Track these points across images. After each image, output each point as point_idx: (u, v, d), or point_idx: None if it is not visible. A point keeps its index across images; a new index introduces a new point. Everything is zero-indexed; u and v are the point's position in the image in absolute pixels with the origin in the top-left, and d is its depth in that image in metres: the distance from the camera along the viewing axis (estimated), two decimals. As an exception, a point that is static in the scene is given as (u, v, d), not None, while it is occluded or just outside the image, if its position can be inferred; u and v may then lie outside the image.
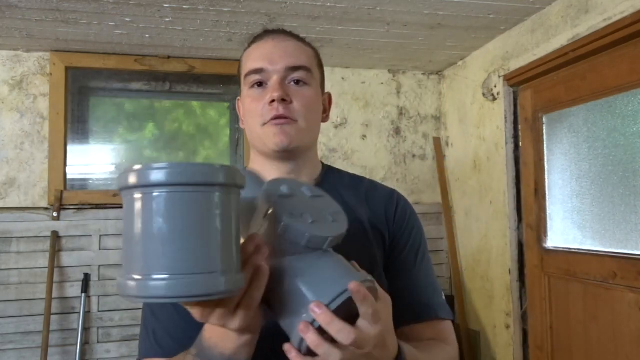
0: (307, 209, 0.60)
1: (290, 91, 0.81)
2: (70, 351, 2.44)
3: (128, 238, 0.49)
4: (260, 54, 0.83)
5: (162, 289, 0.46)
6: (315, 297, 0.55)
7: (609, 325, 1.86)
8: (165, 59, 2.67)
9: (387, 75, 3.00)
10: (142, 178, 0.48)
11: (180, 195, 0.48)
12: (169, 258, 0.47)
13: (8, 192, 2.50)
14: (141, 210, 0.48)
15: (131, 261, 0.48)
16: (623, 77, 1.81)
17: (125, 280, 0.48)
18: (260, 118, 0.81)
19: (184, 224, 0.47)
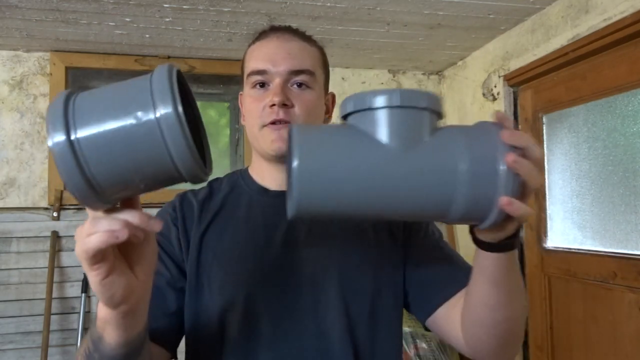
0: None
1: (292, 94, 0.80)
2: (70, 351, 2.44)
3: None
4: (263, 54, 0.82)
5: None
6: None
7: (608, 325, 1.86)
8: (165, 59, 2.67)
9: (387, 75, 3.00)
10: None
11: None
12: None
13: (8, 192, 2.50)
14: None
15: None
16: (623, 77, 1.81)
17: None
18: (259, 119, 0.80)
19: None
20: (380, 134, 0.53)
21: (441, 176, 0.52)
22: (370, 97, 0.54)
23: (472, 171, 0.52)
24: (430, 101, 0.55)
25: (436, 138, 0.55)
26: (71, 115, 0.47)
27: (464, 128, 0.56)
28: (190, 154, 0.47)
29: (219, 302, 0.77)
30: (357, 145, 0.53)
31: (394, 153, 0.53)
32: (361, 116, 0.55)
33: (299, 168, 0.51)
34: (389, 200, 0.53)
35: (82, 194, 0.47)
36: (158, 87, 0.47)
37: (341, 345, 0.76)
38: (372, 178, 0.52)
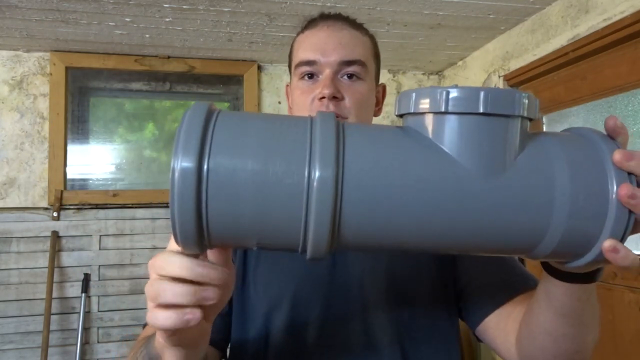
0: None
1: (342, 86, 0.75)
2: (70, 351, 2.44)
3: None
4: (313, 43, 0.77)
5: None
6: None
7: (609, 325, 1.86)
8: (165, 59, 2.67)
9: (387, 75, 3.00)
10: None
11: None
12: None
13: (8, 192, 2.50)
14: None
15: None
16: (623, 77, 1.81)
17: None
18: (307, 113, 0.75)
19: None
20: (453, 149, 0.41)
21: (532, 208, 0.41)
22: (441, 95, 0.41)
23: (572, 203, 0.40)
24: (525, 106, 0.42)
25: (527, 156, 0.42)
26: (209, 138, 0.39)
27: (563, 142, 0.43)
28: (329, 232, 0.38)
29: (264, 301, 0.73)
30: (418, 160, 0.41)
31: (471, 177, 0.40)
32: (425, 120, 0.42)
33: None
34: (458, 234, 0.41)
35: (186, 233, 0.39)
36: (322, 144, 0.39)
37: (390, 352, 0.71)
38: (437, 207, 0.40)
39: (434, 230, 0.41)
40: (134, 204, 2.59)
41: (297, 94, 0.78)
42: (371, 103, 0.81)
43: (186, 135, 0.38)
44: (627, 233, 0.41)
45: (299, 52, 0.79)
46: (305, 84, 0.77)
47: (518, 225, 0.41)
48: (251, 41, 2.44)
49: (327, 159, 0.38)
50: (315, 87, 0.76)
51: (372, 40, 0.84)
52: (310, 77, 0.77)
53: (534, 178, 0.41)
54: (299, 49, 0.79)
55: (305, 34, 0.80)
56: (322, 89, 0.73)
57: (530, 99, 0.42)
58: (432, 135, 0.42)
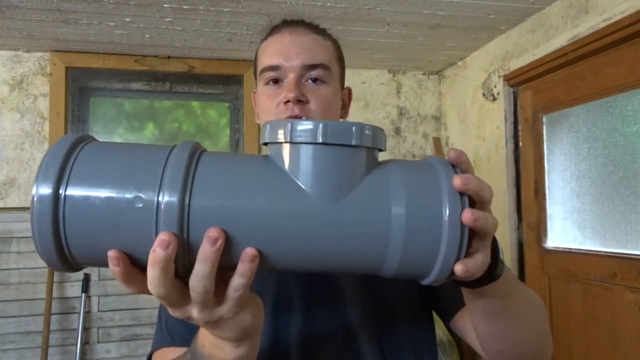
0: None
1: (307, 90, 0.77)
2: (70, 351, 2.45)
3: None
4: (276, 49, 0.79)
5: None
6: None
7: (608, 325, 1.86)
8: (165, 59, 2.67)
9: (387, 75, 3.00)
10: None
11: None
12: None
13: (8, 192, 2.50)
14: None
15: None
16: (623, 77, 1.81)
17: None
18: (273, 117, 0.77)
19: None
20: (300, 176, 0.44)
21: (370, 232, 0.43)
22: (287, 127, 0.45)
23: (407, 226, 0.43)
24: (365, 137, 0.45)
25: (368, 183, 0.45)
26: (69, 166, 0.41)
27: (405, 168, 0.46)
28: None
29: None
30: (266, 187, 0.43)
31: (312, 202, 0.43)
32: (280, 149, 0.45)
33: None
34: (305, 256, 0.44)
35: (47, 255, 0.41)
36: (172, 171, 0.41)
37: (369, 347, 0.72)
38: (282, 232, 0.42)
39: (280, 254, 0.43)
40: (134, 204, 2.59)
41: (263, 99, 0.79)
42: (337, 106, 0.82)
43: (47, 162, 0.41)
44: (462, 250, 0.44)
45: (263, 57, 0.80)
46: (270, 89, 0.78)
47: (358, 248, 0.43)
48: (251, 41, 2.44)
49: (174, 185, 0.40)
50: (280, 91, 0.77)
51: (335, 44, 0.84)
52: (275, 82, 0.78)
53: (371, 204, 0.44)
54: (263, 55, 0.80)
55: (268, 40, 0.81)
56: (287, 93, 0.75)
57: (374, 131, 0.45)
58: (285, 163, 0.45)
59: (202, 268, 0.41)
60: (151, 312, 2.52)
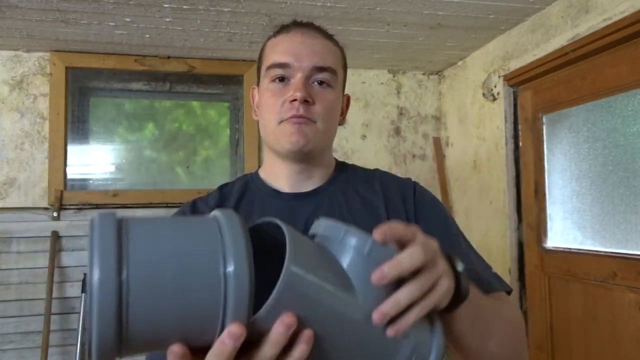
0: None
1: (313, 92, 0.77)
2: (70, 351, 2.44)
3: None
4: (286, 47, 0.79)
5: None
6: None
7: (608, 325, 1.86)
8: (165, 59, 2.67)
9: (387, 75, 3.00)
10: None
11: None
12: None
13: (8, 192, 2.50)
14: None
15: None
16: (623, 77, 1.81)
17: None
18: (277, 115, 0.77)
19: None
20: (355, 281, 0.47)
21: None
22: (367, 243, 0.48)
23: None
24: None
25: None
26: (125, 246, 0.38)
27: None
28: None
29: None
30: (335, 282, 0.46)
31: (363, 309, 0.47)
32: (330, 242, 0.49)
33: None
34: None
35: (104, 344, 0.37)
36: (231, 239, 0.40)
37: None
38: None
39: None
40: (134, 204, 2.59)
41: (267, 95, 0.79)
42: (338, 112, 0.83)
43: (100, 246, 0.38)
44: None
45: (271, 54, 0.80)
46: (276, 87, 0.78)
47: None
48: (251, 41, 2.44)
49: (240, 254, 0.40)
50: (286, 90, 0.77)
51: (342, 51, 0.85)
52: (281, 80, 0.78)
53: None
54: (271, 52, 0.80)
55: (278, 38, 0.81)
56: (294, 92, 0.75)
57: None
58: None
59: (270, 350, 0.42)
60: (151, 312, 2.52)
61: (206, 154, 2.91)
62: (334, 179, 0.85)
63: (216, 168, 2.91)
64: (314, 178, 0.83)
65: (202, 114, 2.96)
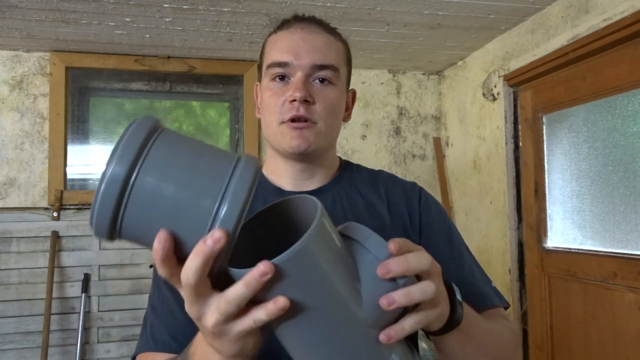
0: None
1: (314, 91, 0.75)
2: (70, 351, 2.44)
3: None
4: (286, 45, 0.76)
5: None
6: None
7: (609, 325, 1.86)
8: (165, 59, 2.67)
9: (387, 75, 3.00)
10: None
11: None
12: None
13: (8, 192, 2.50)
14: None
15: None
16: (623, 77, 1.81)
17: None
18: (278, 115, 0.75)
19: None
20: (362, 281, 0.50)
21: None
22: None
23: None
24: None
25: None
26: (145, 152, 0.43)
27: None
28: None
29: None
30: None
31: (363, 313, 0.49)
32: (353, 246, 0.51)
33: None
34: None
35: (100, 228, 0.43)
36: (236, 186, 0.43)
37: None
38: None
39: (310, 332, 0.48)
40: (134, 204, 2.59)
41: (268, 95, 0.77)
42: (341, 109, 0.81)
43: (125, 145, 0.42)
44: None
45: (271, 52, 0.78)
46: (277, 86, 0.76)
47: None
48: (251, 41, 2.44)
49: (238, 198, 0.43)
50: (286, 89, 0.75)
51: (345, 45, 0.83)
52: (281, 79, 0.76)
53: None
54: (271, 49, 0.78)
55: (278, 35, 0.79)
56: (294, 92, 0.73)
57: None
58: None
59: (240, 289, 0.43)
60: (151, 312, 2.52)
61: (206, 154, 2.91)
62: (337, 178, 0.84)
63: (216, 168, 2.91)
64: (316, 177, 0.82)
65: (202, 114, 2.96)
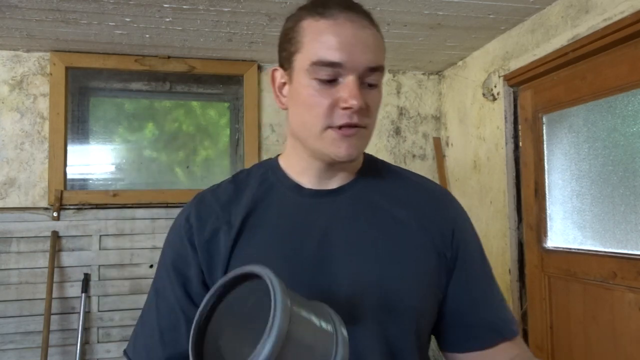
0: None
1: (365, 95, 0.69)
2: (70, 351, 2.44)
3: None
4: (336, 41, 0.66)
5: None
6: None
7: (608, 325, 1.86)
8: (165, 59, 2.67)
9: (387, 75, 3.00)
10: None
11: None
12: None
13: (8, 192, 2.50)
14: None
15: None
16: (623, 77, 1.81)
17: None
18: (323, 119, 0.68)
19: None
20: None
21: None
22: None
23: None
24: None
25: None
26: (289, 331, 0.50)
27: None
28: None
29: None
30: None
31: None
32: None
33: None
34: None
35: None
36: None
37: None
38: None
39: None
40: (134, 204, 2.60)
41: (310, 94, 0.68)
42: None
43: (277, 332, 0.49)
44: None
45: (315, 46, 0.67)
46: (323, 87, 0.68)
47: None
48: (251, 41, 2.44)
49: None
50: (334, 91, 0.67)
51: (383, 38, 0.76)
52: (329, 80, 0.68)
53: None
54: (314, 41, 0.68)
55: (321, 24, 0.68)
56: (350, 99, 0.66)
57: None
58: None
59: None
60: (151, 312, 2.51)
61: (206, 154, 2.91)
62: (360, 176, 0.78)
63: (216, 168, 2.91)
64: (338, 175, 0.77)
65: (202, 114, 2.96)
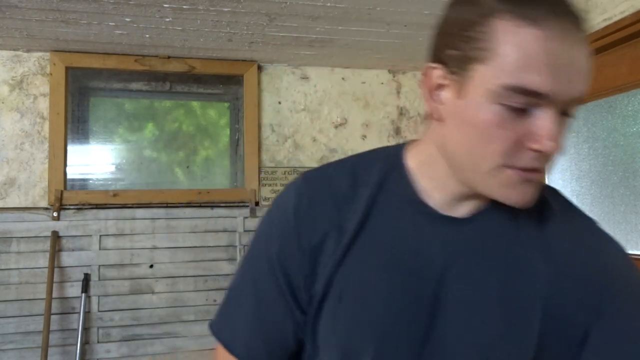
0: None
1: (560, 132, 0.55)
2: (70, 351, 2.45)
3: None
4: (550, 65, 0.51)
5: None
6: None
7: (609, 325, 1.86)
8: (165, 59, 2.67)
9: (387, 75, 3.00)
10: None
11: None
12: None
13: (8, 192, 2.50)
14: None
15: None
16: (623, 77, 1.81)
17: None
18: (502, 157, 0.54)
19: None
20: None
21: None
22: None
23: None
24: None
25: None
26: None
27: None
28: None
29: (340, 344, 0.61)
30: None
31: None
32: None
33: None
34: None
35: None
36: None
37: None
38: None
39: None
40: (134, 204, 2.60)
41: (491, 121, 0.53)
42: None
43: None
44: None
45: (518, 65, 0.51)
46: (510, 116, 0.53)
47: None
48: (251, 41, 2.44)
49: None
50: (524, 124, 0.53)
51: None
52: (520, 109, 0.53)
53: None
54: (518, 58, 0.51)
55: (528, 33, 0.51)
56: (546, 141, 0.52)
57: None
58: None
59: None
60: (151, 312, 2.52)
61: (206, 154, 2.91)
62: (495, 203, 0.61)
63: (216, 168, 2.91)
64: (472, 199, 0.63)
65: (202, 114, 2.97)
